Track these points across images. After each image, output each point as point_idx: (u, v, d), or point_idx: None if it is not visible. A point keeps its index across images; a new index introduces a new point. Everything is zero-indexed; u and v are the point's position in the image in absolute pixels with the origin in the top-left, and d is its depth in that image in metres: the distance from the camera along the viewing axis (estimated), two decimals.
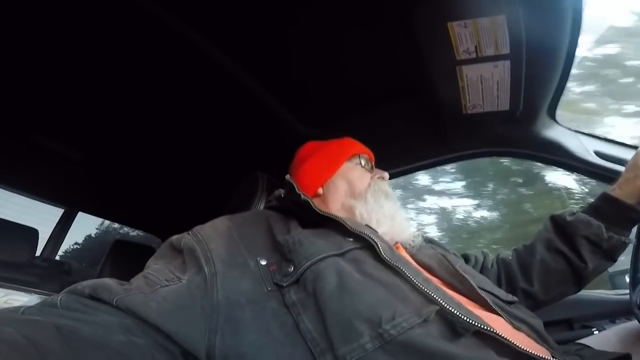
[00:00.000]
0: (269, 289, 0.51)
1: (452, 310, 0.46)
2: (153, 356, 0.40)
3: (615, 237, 0.74)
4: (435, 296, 0.48)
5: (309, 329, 0.46)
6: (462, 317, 0.45)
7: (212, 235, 0.56)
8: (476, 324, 0.45)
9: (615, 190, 0.76)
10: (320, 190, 0.80)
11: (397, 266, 0.53)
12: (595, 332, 1.00)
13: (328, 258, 0.53)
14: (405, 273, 0.52)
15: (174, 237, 0.58)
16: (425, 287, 0.50)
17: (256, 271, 0.53)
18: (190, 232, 0.58)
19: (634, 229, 0.76)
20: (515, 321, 0.57)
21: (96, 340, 0.37)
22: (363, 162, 0.85)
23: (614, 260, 0.77)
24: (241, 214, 0.69)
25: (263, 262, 0.54)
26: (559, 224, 0.81)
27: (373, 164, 0.89)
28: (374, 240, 0.57)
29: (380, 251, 0.55)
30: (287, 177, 0.73)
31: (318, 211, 0.63)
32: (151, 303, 0.43)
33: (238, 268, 0.52)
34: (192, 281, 0.48)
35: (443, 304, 0.47)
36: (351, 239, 0.59)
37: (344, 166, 0.83)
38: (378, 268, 0.54)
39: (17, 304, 0.41)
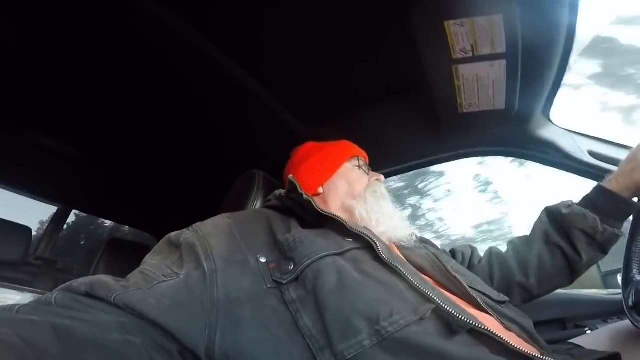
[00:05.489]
0: (269, 286, 0.51)
1: (448, 308, 0.47)
2: (150, 355, 0.40)
3: (609, 230, 0.74)
4: (431, 295, 0.49)
5: (308, 326, 0.46)
6: (458, 315, 0.46)
7: (213, 231, 0.56)
8: (471, 322, 0.45)
9: (611, 182, 0.76)
10: (320, 189, 0.82)
11: (396, 266, 0.54)
12: (587, 332, 1.00)
13: (328, 257, 0.54)
14: (403, 272, 0.53)
15: (173, 234, 0.58)
16: (421, 286, 0.50)
17: (256, 268, 0.53)
18: (190, 228, 0.57)
19: (627, 227, 0.76)
20: (506, 321, 0.58)
21: (92, 340, 0.36)
22: (361, 164, 0.87)
23: (605, 252, 0.77)
24: (242, 212, 0.70)
25: (263, 260, 0.54)
26: (554, 216, 0.81)
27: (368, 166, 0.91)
28: (373, 240, 0.57)
29: (379, 251, 0.55)
30: (290, 177, 0.72)
31: (320, 211, 0.63)
32: (150, 299, 0.43)
33: (238, 265, 0.52)
34: (189, 276, 0.48)
35: (439, 302, 0.48)
36: (350, 239, 0.60)
37: (344, 167, 0.85)
38: (376, 267, 0.54)
39: (10, 302, 0.40)
